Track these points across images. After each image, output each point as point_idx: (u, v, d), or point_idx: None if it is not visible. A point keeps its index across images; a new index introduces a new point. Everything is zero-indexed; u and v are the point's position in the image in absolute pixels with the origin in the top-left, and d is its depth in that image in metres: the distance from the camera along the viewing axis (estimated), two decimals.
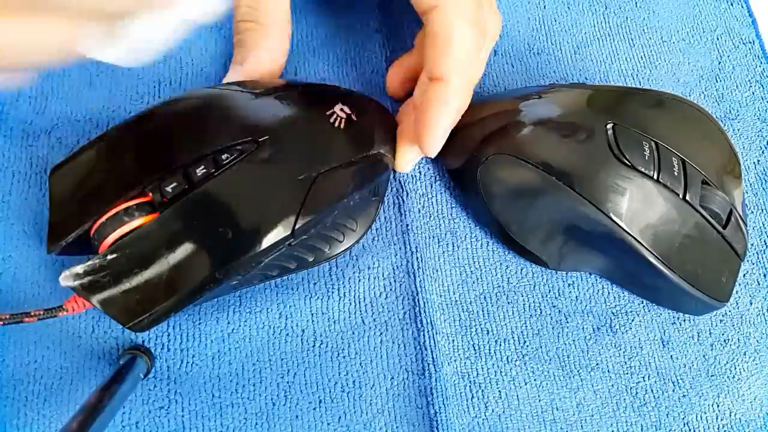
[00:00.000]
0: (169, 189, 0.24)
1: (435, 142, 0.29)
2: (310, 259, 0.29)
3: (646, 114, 0.29)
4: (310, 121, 0.28)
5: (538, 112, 0.29)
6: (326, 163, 0.27)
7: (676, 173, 0.27)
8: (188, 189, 0.24)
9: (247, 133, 0.26)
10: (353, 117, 0.29)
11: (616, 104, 0.29)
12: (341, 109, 0.29)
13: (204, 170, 0.24)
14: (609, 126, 0.28)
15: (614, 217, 0.27)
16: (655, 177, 0.27)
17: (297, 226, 0.25)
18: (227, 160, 0.25)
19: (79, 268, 0.23)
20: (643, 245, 0.27)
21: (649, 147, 0.27)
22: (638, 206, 0.27)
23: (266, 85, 0.29)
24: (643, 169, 0.27)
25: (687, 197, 0.27)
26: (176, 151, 0.25)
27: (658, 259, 0.27)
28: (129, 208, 0.24)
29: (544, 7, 0.38)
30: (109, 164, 0.25)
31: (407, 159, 0.31)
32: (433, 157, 0.30)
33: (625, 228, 0.27)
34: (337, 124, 0.28)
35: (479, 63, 0.30)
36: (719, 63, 0.38)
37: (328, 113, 0.28)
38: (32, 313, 0.24)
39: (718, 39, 0.38)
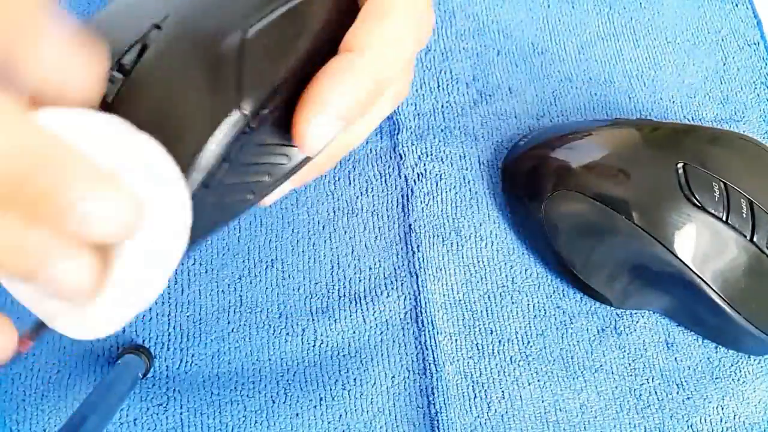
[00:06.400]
0: None
1: (316, 125, 0.18)
2: (267, 179, 0.21)
3: (714, 153, 0.29)
4: None
5: (606, 148, 0.30)
6: (252, 22, 0.19)
7: (744, 215, 0.28)
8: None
9: (144, 24, 0.19)
10: None
11: (683, 142, 0.29)
12: None
13: (109, 88, 0.18)
14: (680, 165, 0.28)
15: (684, 259, 0.27)
16: (724, 218, 0.27)
17: (246, 104, 0.18)
18: (131, 66, 0.18)
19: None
20: (711, 287, 0.28)
21: (718, 188, 0.28)
22: (707, 248, 0.27)
23: None
24: (713, 211, 0.27)
25: (754, 239, 0.28)
26: None
27: (725, 301, 0.28)
28: None
29: (548, 6, 0.38)
30: None
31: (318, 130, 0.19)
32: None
33: (695, 270, 0.27)
34: None
35: (409, 62, 0.22)
36: (724, 64, 0.37)
37: None
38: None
39: (722, 40, 0.38)
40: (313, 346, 0.29)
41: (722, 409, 0.30)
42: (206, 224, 0.19)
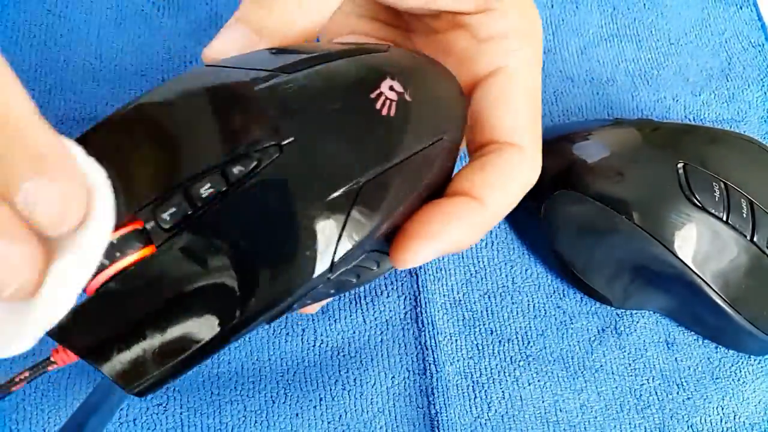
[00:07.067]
0: (166, 216, 0.18)
1: (423, 253, 0.20)
2: (354, 281, 0.22)
3: (714, 153, 0.29)
4: (349, 110, 0.20)
5: (607, 148, 0.30)
6: (371, 168, 0.19)
7: (744, 215, 0.28)
8: (192, 215, 0.18)
9: (266, 134, 0.19)
10: (406, 97, 0.21)
11: (684, 142, 0.29)
12: (390, 88, 0.21)
13: (211, 189, 0.18)
14: (680, 165, 0.28)
15: (684, 259, 0.27)
16: (724, 219, 0.27)
17: (336, 258, 0.18)
18: (240, 175, 0.18)
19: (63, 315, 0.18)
20: (711, 287, 0.27)
21: (719, 188, 0.28)
22: (708, 248, 0.27)
23: (281, 58, 0.21)
24: (713, 211, 0.27)
25: (755, 239, 0.28)
26: (173, 163, 0.18)
27: (725, 301, 0.28)
28: (119, 239, 0.18)
29: (552, 6, 0.38)
30: None
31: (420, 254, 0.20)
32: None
33: (695, 270, 0.27)
34: (385, 111, 0.20)
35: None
36: (728, 65, 0.37)
37: (372, 96, 0.20)
38: (17, 379, 0.19)
39: (726, 41, 0.38)
40: (313, 346, 0.29)
41: (722, 409, 0.30)
42: (285, 308, 0.19)
